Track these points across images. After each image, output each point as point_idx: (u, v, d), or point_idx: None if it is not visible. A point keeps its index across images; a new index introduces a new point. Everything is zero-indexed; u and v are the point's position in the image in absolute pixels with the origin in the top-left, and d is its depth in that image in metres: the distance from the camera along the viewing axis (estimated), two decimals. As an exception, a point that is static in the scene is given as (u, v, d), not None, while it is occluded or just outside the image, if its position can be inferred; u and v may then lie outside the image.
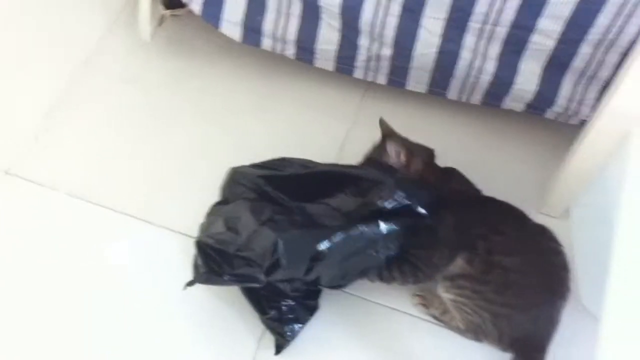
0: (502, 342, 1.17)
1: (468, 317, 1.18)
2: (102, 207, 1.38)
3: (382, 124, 1.32)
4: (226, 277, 1.16)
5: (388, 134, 1.31)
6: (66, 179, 1.41)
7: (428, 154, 1.32)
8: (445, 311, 1.24)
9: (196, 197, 1.38)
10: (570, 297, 1.19)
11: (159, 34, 1.63)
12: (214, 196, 1.34)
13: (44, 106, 1.52)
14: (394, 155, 1.28)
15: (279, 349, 1.22)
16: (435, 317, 1.26)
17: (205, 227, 1.26)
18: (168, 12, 1.62)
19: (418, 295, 1.28)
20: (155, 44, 1.62)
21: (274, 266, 1.13)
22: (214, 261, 1.18)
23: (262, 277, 1.14)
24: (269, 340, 1.23)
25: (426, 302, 1.27)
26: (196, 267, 1.23)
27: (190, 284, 1.20)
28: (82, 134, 1.49)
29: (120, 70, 1.60)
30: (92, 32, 1.65)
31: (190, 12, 1.47)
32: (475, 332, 1.19)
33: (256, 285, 1.16)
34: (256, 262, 1.14)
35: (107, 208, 1.38)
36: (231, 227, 1.20)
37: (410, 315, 1.28)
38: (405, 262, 1.22)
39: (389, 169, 1.27)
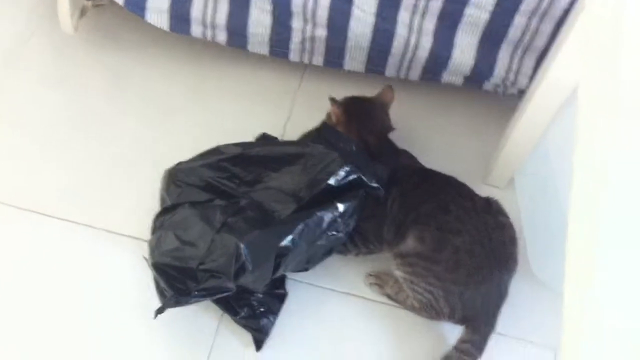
0: (454, 317, 1.18)
1: (418, 296, 1.18)
2: (41, 214, 1.32)
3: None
4: (195, 294, 1.11)
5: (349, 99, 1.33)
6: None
7: (383, 126, 1.32)
8: (399, 290, 1.23)
9: (136, 197, 1.34)
10: (517, 268, 1.20)
11: (83, 26, 1.55)
12: (154, 194, 1.29)
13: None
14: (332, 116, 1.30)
15: (259, 344, 1.19)
16: (390, 297, 1.26)
17: (155, 245, 1.19)
18: (90, 2, 1.54)
19: (372, 275, 1.27)
20: (79, 38, 1.54)
21: (240, 271, 1.09)
22: (177, 280, 1.12)
23: (231, 285, 1.10)
24: (224, 338, 1.21)
25: (380, 282, 1.26)
26: (161, 291, 1.16)
27: (160, 311, 1.12)
28: (8, 140, 1.41)
29: (44, 69, 1.52)
30: (9, 29, 1.56)
31: (113, 2, 1.41)
32: (428, 310, 1.20)
33: (227, 294, 1.12)
34: (222, 272, 1.09)
35: (46, 215, 1.32)
36: (185, 240, 1.15)
37: (364, 298, 1.27)
38: (356, 234, 1.22)
39: (342, 139, 1.24)
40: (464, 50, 1.32)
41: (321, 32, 1.35)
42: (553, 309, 1.27)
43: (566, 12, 1.19)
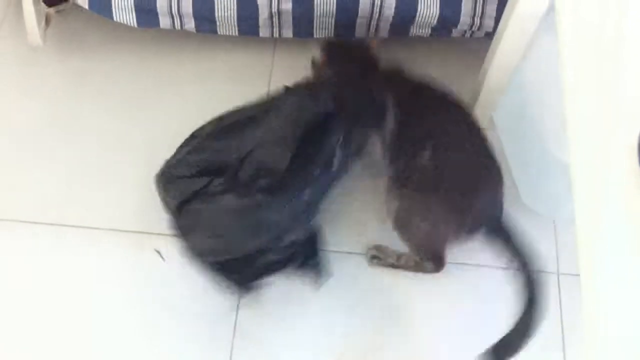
0: (461, 233, 1.24)
1: (417, 231, 1.24)
2: (35, 223, 1.34)
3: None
4: (256, 274, 1.19)
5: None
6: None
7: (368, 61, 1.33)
8: (400, 256, 1.29)
9: (127, 193, 1.37)
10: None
11: (49, 34, 1.55)
12: (144, 189, 1.31)
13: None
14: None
15: (320, 282, 1.25)
16: (392, 266, 1.31)
17: (192, 251, 1.21)
18: (52, 9, 1.54)
19: (373, 250, 1.32)
20: (47, 46, 1.54)
21: (280, 239, 1.18)
22: (234, 270, 1.20)
23: (281, 254, 1.19)
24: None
25: (380, 254, 1.32)
26: (226, 287, 1.22)
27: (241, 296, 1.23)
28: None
29: (17, 81, 1.52)
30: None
31: (75, 5, 1.41)
32: (428, 246, 1.26)
33: (281, 260, 1.20)
34: (268, 248, 1.18)
35: (42, 223, 1.34)
36: (219, 235, 1.20)
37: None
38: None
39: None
40: (428, 3, 1.36)
41: (287, 5, 1.37)
42: (546, 235, 1.35)
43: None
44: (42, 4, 1.52)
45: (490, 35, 1.35)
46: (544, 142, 1.24)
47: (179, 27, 1.43)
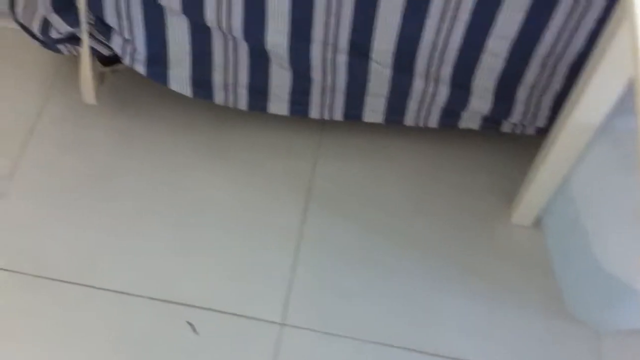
0: None
1: None
2: (67, 282, 1.34)
3: None
4: None
5: None
6: (18, 255, 1.35)
7: None
8: None
9: (159, 259, 1.36)
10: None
11: (101, 92, 1.57)
12: (179, 254, 1.30)
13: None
14: None
15: None
16: None
17: None
18: (108, 69, 1.57)
19: None
20: (99, 105, 1.56)
21: None
22: None
23: None
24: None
25: None
26: None
27: None
28: (36, 207, 1.43)
29: (66, 137, 1.54)
30: (31, 101, 1.58)
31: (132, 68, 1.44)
32: None
33: None
34: None
35: (69, 282, 1.34)
36: None
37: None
38: None
39: None
40: (481, 95, 1.34)
41: (341, 84, 1.37)
42: (590, 346, 1.30)
43: (580, 55, 1.22)
44: (98, 62, 1.55)
45: (541, 132, 1.33)
46: (593, 253, 1.20)
47: (233, 105, 1.44)
